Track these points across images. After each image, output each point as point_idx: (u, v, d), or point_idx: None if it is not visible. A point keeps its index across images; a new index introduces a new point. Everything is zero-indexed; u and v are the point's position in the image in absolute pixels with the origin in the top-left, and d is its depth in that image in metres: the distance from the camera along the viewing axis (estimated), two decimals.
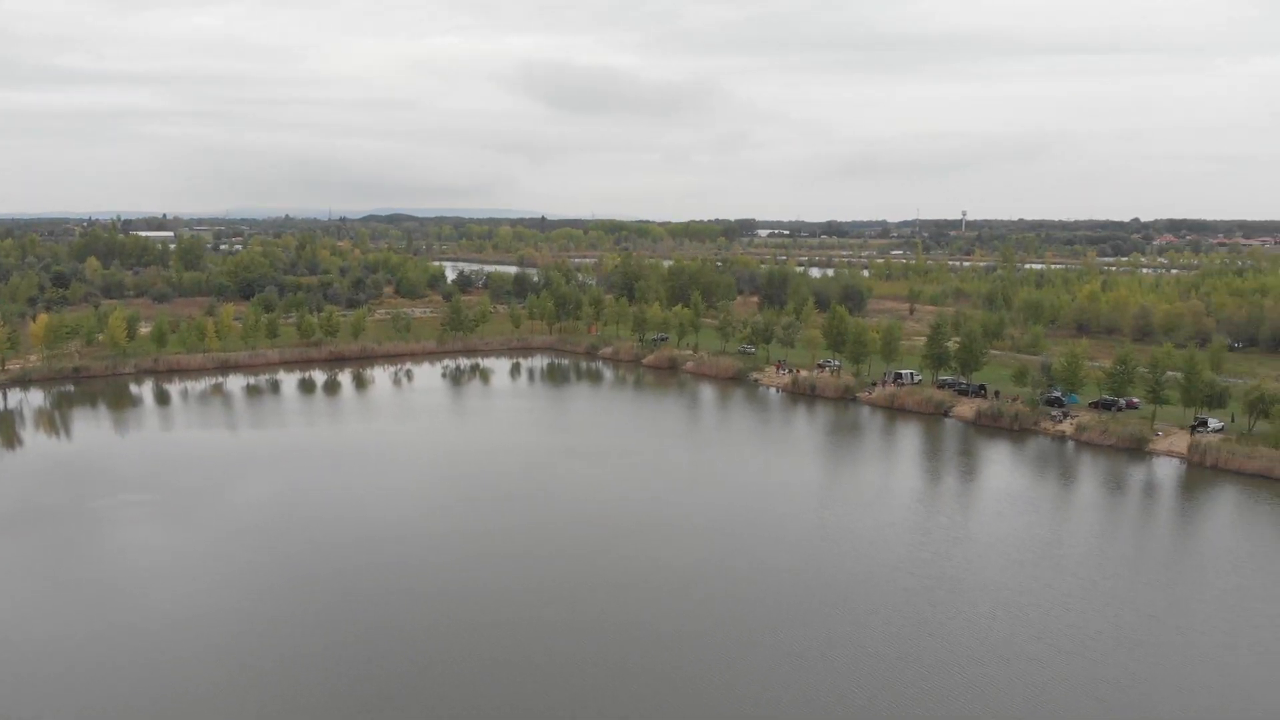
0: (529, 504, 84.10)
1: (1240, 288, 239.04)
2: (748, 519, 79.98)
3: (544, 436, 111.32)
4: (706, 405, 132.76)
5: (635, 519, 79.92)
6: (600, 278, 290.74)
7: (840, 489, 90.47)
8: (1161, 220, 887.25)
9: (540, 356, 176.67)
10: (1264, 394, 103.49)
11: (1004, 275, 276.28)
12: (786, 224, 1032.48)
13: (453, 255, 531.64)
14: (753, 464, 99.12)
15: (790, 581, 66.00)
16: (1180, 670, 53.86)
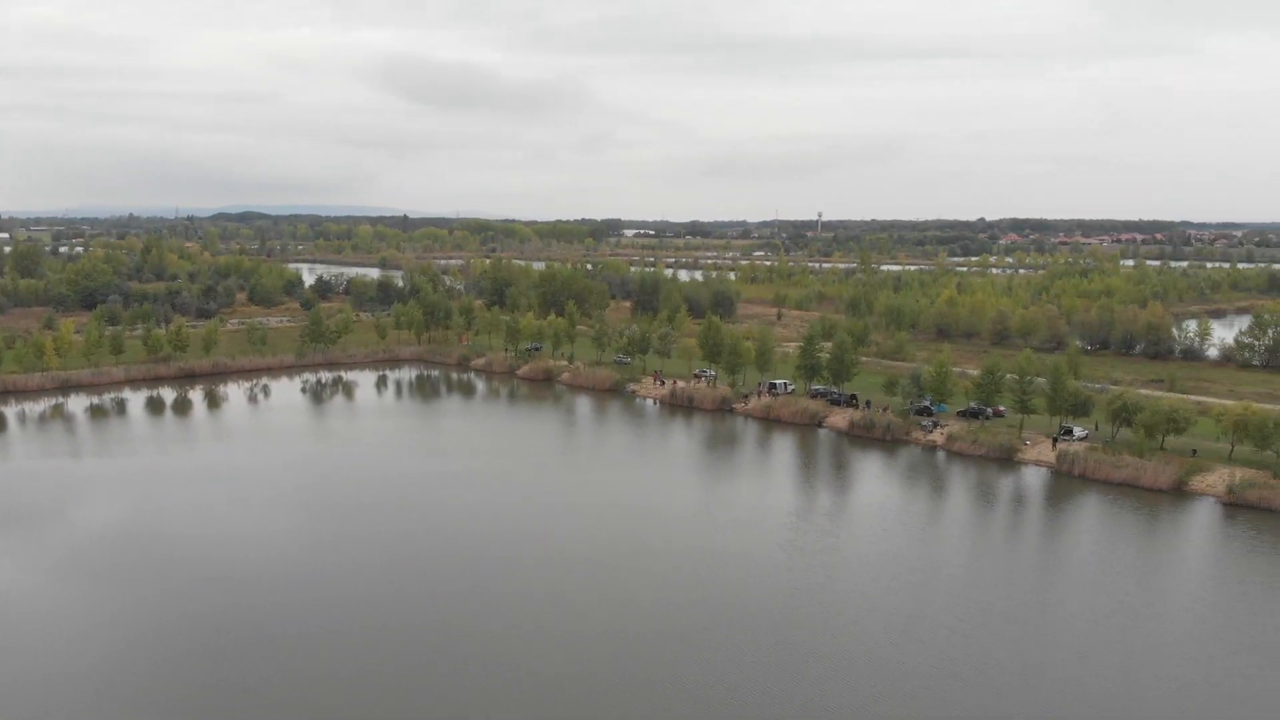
0: (403, 539, 79.82)
1: (1088, 289, 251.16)
2: (634, 547, 77.71)
3: (416, 460, 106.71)
4: (585, 420, 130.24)
5: (514, 550, 76.69)
6: (468, 282, 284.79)
7: (722, 509, 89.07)
8: (1006, 220, 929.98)
9: (408, 369, 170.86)
10: (1126, 403, 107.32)
11: (865, 279, 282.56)
12: (652, 224, 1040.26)
13: (309, 257, 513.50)
14: (635, 485, 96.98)
15: (669, 613, 64.09)
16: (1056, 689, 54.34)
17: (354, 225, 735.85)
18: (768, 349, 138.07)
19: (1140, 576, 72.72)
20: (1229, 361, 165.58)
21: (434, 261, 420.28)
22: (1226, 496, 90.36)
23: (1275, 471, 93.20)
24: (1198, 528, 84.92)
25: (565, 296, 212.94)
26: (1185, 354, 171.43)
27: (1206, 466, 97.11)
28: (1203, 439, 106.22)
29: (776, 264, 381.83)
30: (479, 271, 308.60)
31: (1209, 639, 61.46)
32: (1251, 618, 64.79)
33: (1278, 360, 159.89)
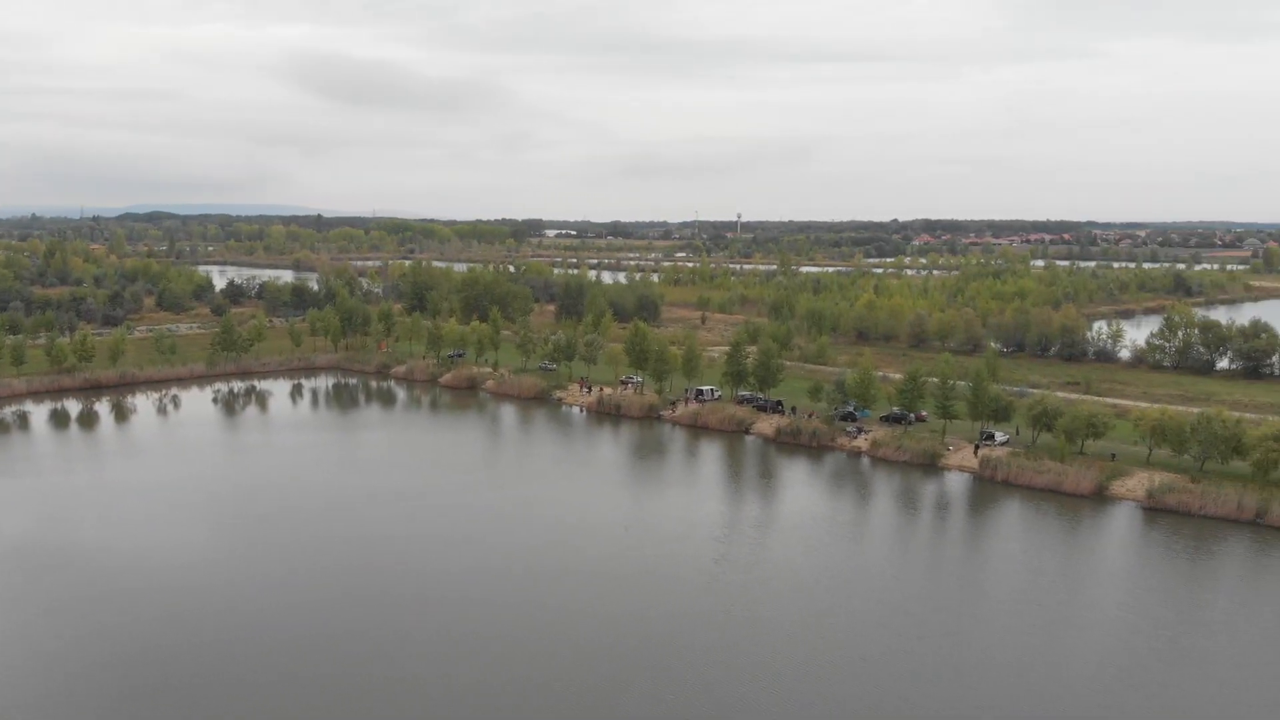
0: (322, 561, 76.91)
1: (1002, 291, 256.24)
2: (562, 565, 75.99)
3: (335, 475, 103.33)
4: (510, 429, 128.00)
5: (438, 571, 74.38)
6: (387, 285, 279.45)
7: (652, 522, 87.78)
8: (918, 221, 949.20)
9: (325, 377, 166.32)
10: (1046, 408, 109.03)
11: (786, 282, 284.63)
12: (573, 224, 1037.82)
13: (220, 259, 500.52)
14: (564, 499, 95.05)
15: (599, 634, 62.66)
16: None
17: (266, 225, 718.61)
18: (694, 355, 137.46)
19: (1067, 584, 73.42)
20: (1141, 363, 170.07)
21: (350, 263, 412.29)
22: (1147, 501, 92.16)
23: (1192, 475, 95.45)
24: (1120, 533, 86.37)
25: (488, 301, 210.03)
26: (1098, 356, 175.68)
27: (1126, 471, 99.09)
28: (1121, 442, 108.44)
29: (699, 266, 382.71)
30: (398, 274, 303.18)
31: (1142, 648, 62.10)
32: (1181, 625, 65.71)
33: (1187, 362, 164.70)
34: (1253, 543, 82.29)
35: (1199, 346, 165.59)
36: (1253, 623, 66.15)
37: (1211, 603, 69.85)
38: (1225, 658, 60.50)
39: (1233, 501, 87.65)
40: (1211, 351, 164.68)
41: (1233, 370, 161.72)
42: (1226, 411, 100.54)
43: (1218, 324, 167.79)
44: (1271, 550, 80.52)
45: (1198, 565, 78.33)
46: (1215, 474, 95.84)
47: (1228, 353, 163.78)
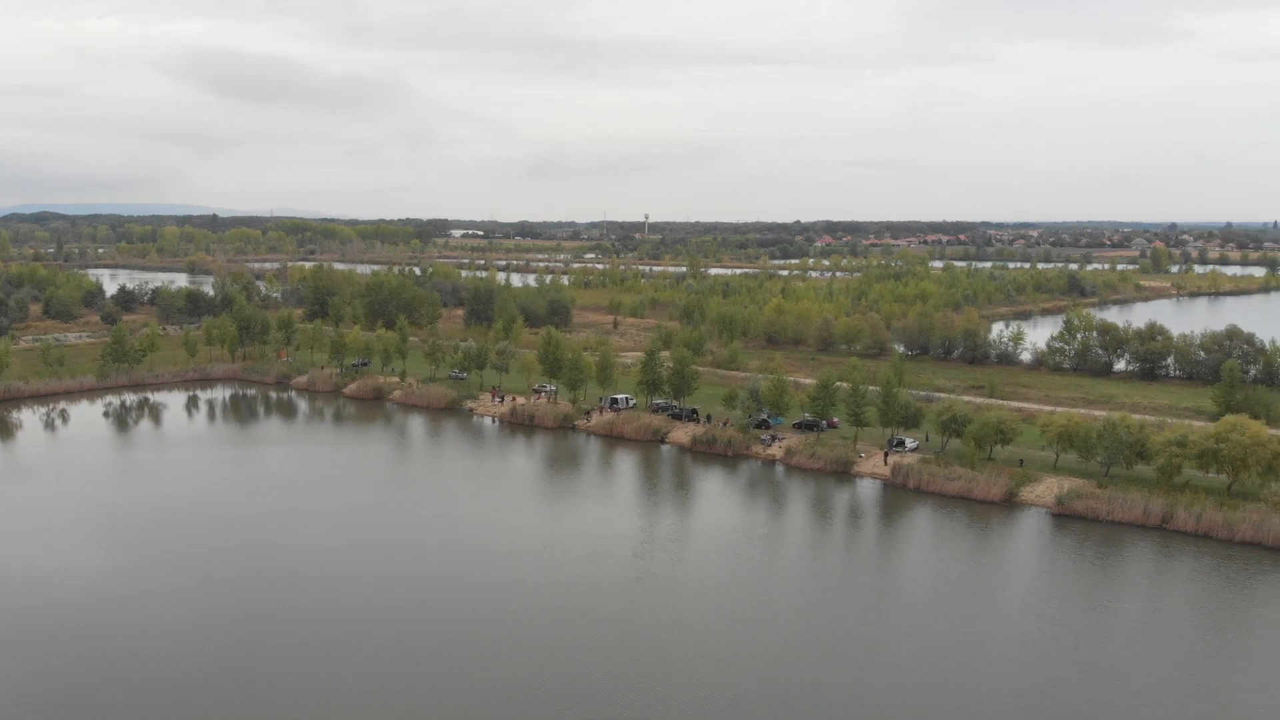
0: (219, 591, 73.10)
1: (904, 294, 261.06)
2: (475, 590, 73.53)
3: (234, 495, 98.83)
4: (420, 442, 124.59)
5: (343, 598, 71.31)
6: (286, 289, 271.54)
7: (569, 539, 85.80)
8: (820, 222, 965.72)
9: (222, 388, 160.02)
10: (955, 414, 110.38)
11: (696, 286, 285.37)
12: (480, 224, 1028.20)
13: (111, 262, 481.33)
14: (477, 516, 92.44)
15: (516, 662, 60.71)
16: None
17: (160, 226, 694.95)
18: (609, 363, 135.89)
19: (985, 594, 73.85)
20: (1042, 365, 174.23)
21: (247, 265, 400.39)
22: (1056, 507, 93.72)
23: (1099, 481, 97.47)
24: (1031, 540, 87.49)
25: (394, 307, 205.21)
26: (1000, 358, 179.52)
27: (1035, 477, 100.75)
28: (1029, 448, 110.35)
29: (609, 268, 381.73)
30: (297, 278, 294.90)
31: (1063, 661, 62.52)
32: (1098, 635, 66.47)
33: (1086, 364, 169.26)
34: (1160, 548, 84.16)
35: (1097, 349, 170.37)
36: (1167, 631, 67.26)
37: (1127, 612, 70.72)
38: (1142, 669, 61.21)
39: (1139, 507, 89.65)
40: (1109, 354, 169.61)
41: (1129, 372, 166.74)
42: (1131, 417, 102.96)
43: (1115, 327, 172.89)
44: (1178, 555, 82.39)
45: (1109, 572, 79.66)
46: (1121, 479, 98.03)
47: (1125, 355, 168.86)
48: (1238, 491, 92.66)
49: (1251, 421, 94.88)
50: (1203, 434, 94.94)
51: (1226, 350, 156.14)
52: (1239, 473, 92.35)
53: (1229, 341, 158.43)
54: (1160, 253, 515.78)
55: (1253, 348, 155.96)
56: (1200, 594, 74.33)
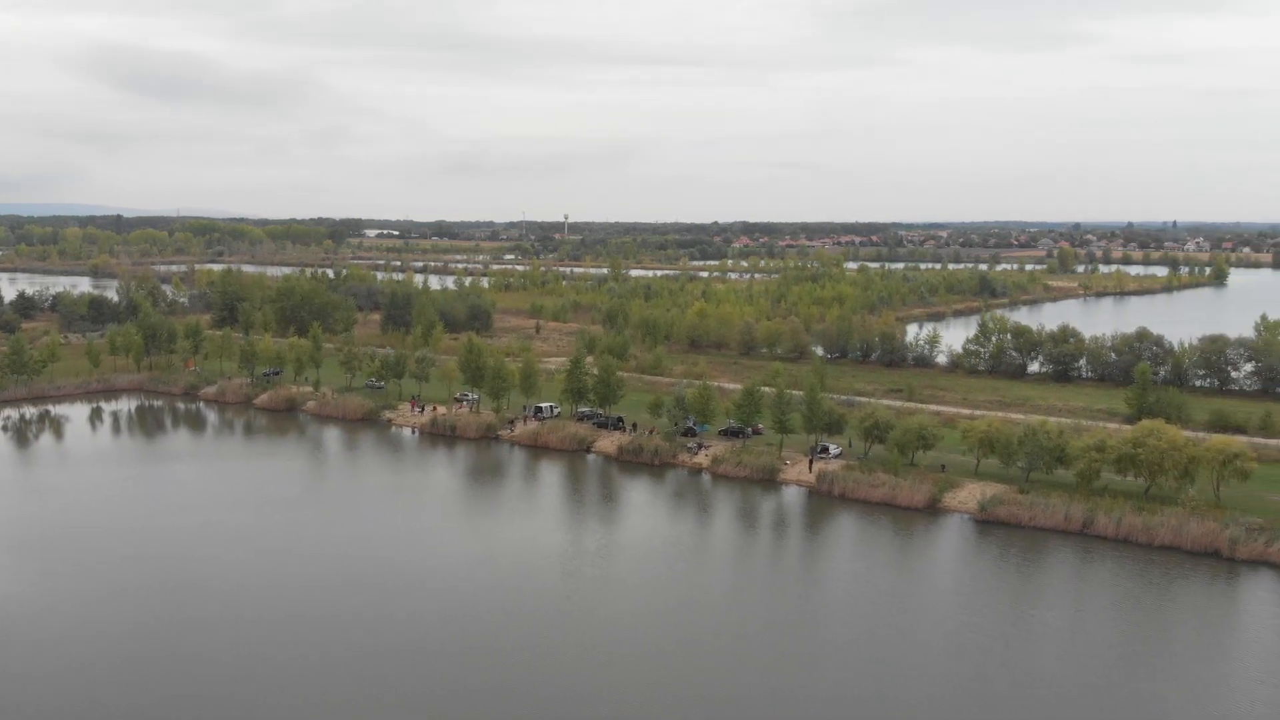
0: (113, 628, 69.42)
1: (821, 296, 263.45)
2: (393, 618, 71.01)
3: (142, 515, 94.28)
4: (335, 455, 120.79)
5: (263, 632, 68.20)
6: (193, 294, 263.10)
7: (492, 558, 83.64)
8: (737, 223, 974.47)
9: (127, 399, 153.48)
10: (878, 421, 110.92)
11: (619, 289, 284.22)
12: (395, 224, 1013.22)
13: (9, 265, 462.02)
14: (395, 534, 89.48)
15: (436, 699, 58.62)
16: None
17: (61, 227, 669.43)
18: (532, 371, 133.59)
19: (914, 605, 73.72)
20: (958, 367, 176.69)
21: (153, 268, 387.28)
22: (979, 514, 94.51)
23: (1019, 486, 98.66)
24: (956, 547, 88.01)
25: (307, 312, 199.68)
26: (917, 361, 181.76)
27: (957, 482, 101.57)
28: (950, 452, 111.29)
29: (530, 270, 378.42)
30: (205, 281, 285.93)
31: (996, 675, 62.58)
32: (1029, 645, 66.77)
33: (1001, 366, 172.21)
34: (1082, 553, 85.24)
35: (1012, 351, 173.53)
36: (1095, 639, 67.78)
37: (1055, 620, 71.19)
38: (1073, 680, 61.50)
39: (1060, 513, 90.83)
40: (1024, 356, 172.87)
41: (1043, 373, 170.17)
42: (1051, 423, 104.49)
43: (1029, 330, 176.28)
44: (1101, 561, 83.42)
45: (1035, 579, 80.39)
46: (1041, 483, 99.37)
47: (1038, 357, 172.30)
48: (1154, 495, 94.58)
49: (1167, 426, 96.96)
50: (1120, 439, 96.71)
51: (1137, 352, 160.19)
52: (1156, 477, 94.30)
53: (1139, 344, 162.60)
54: (1067, 253, 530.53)
55: (1162, 349, 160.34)
56: (1125, 600, 75.19)
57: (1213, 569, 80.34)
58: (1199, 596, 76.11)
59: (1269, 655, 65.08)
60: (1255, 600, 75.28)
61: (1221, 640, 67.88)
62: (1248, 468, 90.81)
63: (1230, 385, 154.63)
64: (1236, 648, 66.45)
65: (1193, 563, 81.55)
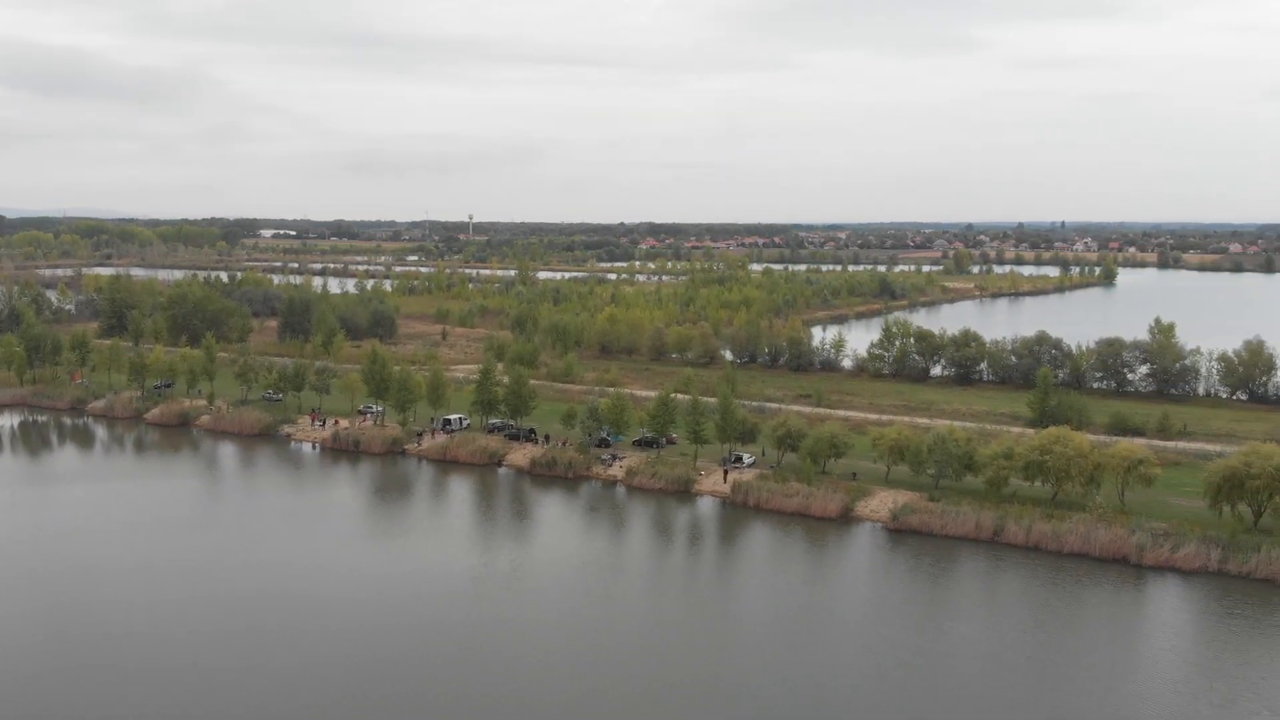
0: (16, 670, 64.68)
1: (729, 300, 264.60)
2: (289, 654, 67.72)
3: (26, 545, 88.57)
4: (232, 474, 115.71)
5: (151, 672, 64.29)
6: (80, 300, 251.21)
7: (396, 583, 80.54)
8: (644, 224, 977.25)
9: (9, 415, 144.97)
10: (790, 430, 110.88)
11: (527, 293, 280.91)
12: (293, 223, 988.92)
13: None
14: (293, 560, 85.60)
15: None
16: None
17: None
18: (440, 381, 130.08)
19: (833, 620, 73.29)
20: (863, 371, 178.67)
21: (36, 273, 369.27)
22: (891, 523, 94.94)
23: (929, 493, 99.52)
24: (870, 557, 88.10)
25: (199, 321, 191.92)
26: (824, 365, 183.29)
27: (869, 491, 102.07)
28: (861, 459, 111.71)
29: (435, 273, 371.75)
30: (93, 288, 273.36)
31: (918, 691, 62.33)
32: (953, 659, 66.76)
33: (905, 370, 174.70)
34: (994, 562, 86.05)
35: (915, 355, 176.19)
36: (1014, 652, 68.20)
37: (971, 633, 71.42)
38: (996, 696, 61.67)
39: (971, 521, 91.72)
40: (927, 360, 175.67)
41: (946, 377, 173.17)
42: (959, 430, 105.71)
43: (931, 334, 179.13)
44: (1013, 569, 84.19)
45: (949, 590, 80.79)
46: (951, 490, 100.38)
47: (941, 361, 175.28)
48: (1061, 501, 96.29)
49: (1073, 434, 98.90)
50: (1028, 446, 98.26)
51: (1037, 355, 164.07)
52: (1062, 483, 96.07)
53: (1039, 347, 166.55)
54: (962, 255, 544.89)
55: (1060, 352, 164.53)
56: (1040, 610, 75.68)
57: (1121, 575, 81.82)
58: (1110, 605, 77.16)
59: (1184, 665, 66.17)
60: (1165, 607, 76.77)
61: (1136, 651, 68.56)
62: (1151, 473, 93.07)
63: (1127, 387, 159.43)
64: (1150, 657, 67.25)
65: (1101, 570, 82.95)
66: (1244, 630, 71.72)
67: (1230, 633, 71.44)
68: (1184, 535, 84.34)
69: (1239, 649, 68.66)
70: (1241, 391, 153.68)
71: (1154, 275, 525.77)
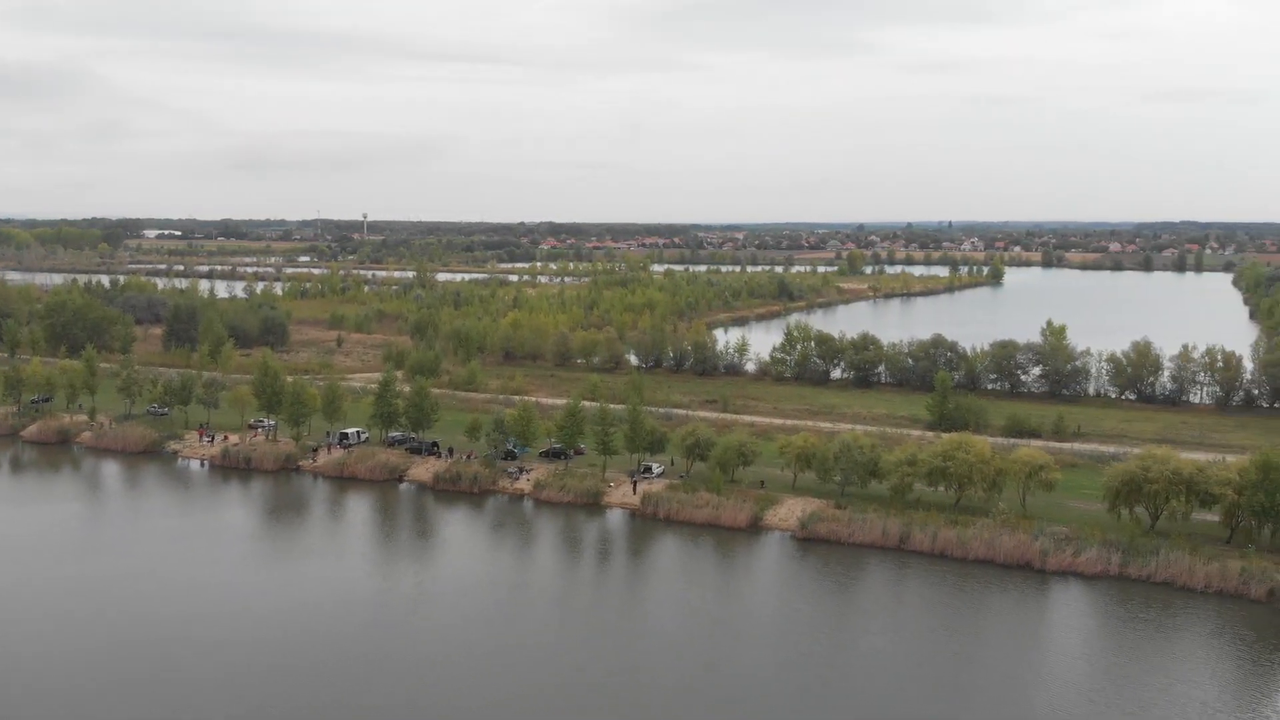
0: None
1: (633, 302, 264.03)
2: (160, 688, 63.93)
3: None
4: (116, 494, 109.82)
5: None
6: None
7: (298, 608, 77.05)
8: (544, 224, 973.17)
9: None
10: (699, 439, 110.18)
11: (426, 297, 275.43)
12: (178, 223, 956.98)
13: None
14: (175, 588, 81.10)
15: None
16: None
17: None
18: (336, 393, 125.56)
19: (748, 636, 72.50)
20: (766, 375, 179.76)
21: None
22: (800, 531, 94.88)
23: (836, 500, 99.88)
24: (777, 568, 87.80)
25: (80, 330, 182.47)
26: (728, 369, 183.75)
27: (777, 499, 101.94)
28: (768, 465, 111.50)
29: (328, 274, 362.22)
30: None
31: (840, 708, 61.83)
32: (862, 673, 66.54)
33: (806, 373, 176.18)
34: (901, 569, 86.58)
35: (816, 358, 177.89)
36: (925, 664, 68.37)
37: (884, 647, 71.41)
38: (913, 714, 61.58)
39: (878, 528, 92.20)
40: (827, 363, 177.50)
41: (845, 380, 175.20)
42: (864, 438, 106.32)
43: (831, 337, 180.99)
44: (920, 577, 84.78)
45: (858, 600, 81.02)
46: (857, 497, 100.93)
47: (840, 364, 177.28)
48: (964, 506, 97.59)
49: (974, 439, 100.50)
50: (931, 453, 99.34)
51: (933, 358, 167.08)
52: (965, 489, 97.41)
53: (935, 349, 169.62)
54: (856, 256, 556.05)
55: (956, 355, 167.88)
56: (951, 619, 76.18)
57: (1026, 581, 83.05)
58: (1017, 612, 78.11)
59: (1094, 672, 67.05)
60: (1072, 613, 77.92)
61: (1046, 659, 69.16)
62: (1052, 478, 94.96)
63: (1021, 388, 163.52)
64: (1062, 665, 67.89)
65: (1007, 576, 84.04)
66: (1149, 634, 73.27)
67: (1137, 637, 72.84)
68: (1085, 540, 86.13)
69: (1146, 654, 69.82)
70: (1130, 391, 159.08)
71: (1039, 274, 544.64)
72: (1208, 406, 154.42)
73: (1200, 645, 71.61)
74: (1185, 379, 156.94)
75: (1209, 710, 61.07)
